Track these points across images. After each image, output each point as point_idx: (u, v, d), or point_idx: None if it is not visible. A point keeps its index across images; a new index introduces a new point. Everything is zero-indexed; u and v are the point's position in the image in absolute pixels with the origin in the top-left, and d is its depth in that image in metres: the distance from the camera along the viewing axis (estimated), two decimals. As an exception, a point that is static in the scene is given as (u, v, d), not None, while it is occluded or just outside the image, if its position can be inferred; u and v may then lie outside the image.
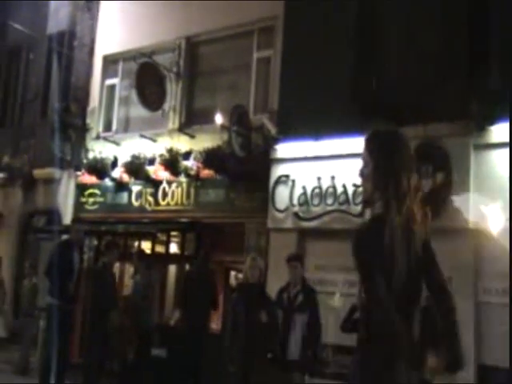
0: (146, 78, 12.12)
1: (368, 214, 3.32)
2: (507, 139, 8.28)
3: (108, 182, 12.77)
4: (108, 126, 13.51)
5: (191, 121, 12.08)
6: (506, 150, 8.26)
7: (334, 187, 9.66)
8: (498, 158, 8.40)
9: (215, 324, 10.53)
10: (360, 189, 9.14)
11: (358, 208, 9.26)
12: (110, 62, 13.64)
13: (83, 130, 13.54)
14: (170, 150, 11.58)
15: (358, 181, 8.36)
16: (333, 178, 9.67)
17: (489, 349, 8.16)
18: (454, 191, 8.53)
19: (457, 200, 8.48)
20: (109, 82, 13.66)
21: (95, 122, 13.53)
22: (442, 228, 7.42)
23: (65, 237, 10.63)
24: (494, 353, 8.13)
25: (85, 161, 13.13)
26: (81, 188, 13.24)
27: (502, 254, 8.19)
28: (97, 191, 12.95)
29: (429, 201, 8.48)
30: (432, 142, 8.70)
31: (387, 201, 2.98)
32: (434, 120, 8.59)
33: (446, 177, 8.63)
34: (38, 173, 14.24)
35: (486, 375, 8.19)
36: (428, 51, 8.70)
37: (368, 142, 3.12)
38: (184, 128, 11.87)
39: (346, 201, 9.50)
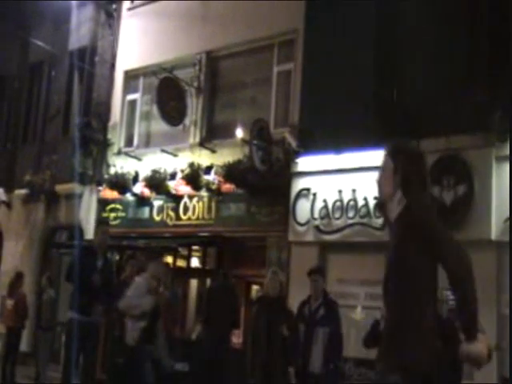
0: (167, 92, 12.23)
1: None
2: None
3: (129, 197, 12.86)
4: (129, 141, 13.64)
5: (212, 135, 12.16)
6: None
7: (355, 200, 9.65)
8: (521, 169, 8.35)
9: (236, 338, 10.51)
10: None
11: (380, 221, 9.24)
12: (131, 77, 13.80)
13: (104, 145, 13.69)
14: (191, 165, 11.65)
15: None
16: (354, 191, 9.66)
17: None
18: (476, 203, 8.49)
19: (479, 212, 8.44)
20: (130, 97, 13.81)
21: (116, 137, 13.66)
22: (464, 240, 7.37)
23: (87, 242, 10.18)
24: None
25: (106, 176, 13.26)
26: (102, 203, 13.34)
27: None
28: (118, 206, 13.04)
29: (451, 213, 8.53)
30: (453, 154, 8.67)
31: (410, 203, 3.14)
32: (456, 132, 8.56)
33: (467, 189, 8.58)
34: (60, 188, 14.40)
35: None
36: (450, 63, 8.70)
37: (390, 152, 3.31)
38: (205, 142, 11.94)
39: (368, 214, 9.47)
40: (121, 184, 12.87)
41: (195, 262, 12.21)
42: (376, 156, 9.08)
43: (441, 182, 8.75)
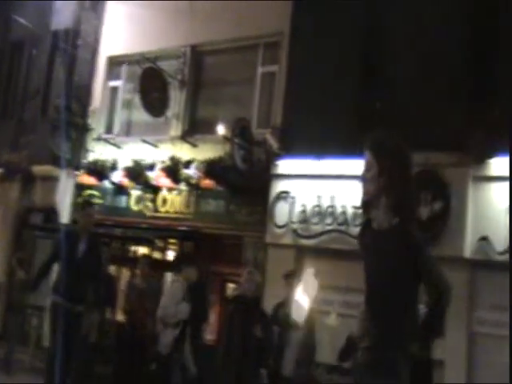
0: (150, 82, 12.18)
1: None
2: (505, 173, 8.46)
3: (107, 185, 12.85)
4: (109, 128, 13.58)
5: (194, 130, 12.17)
6: (504, 183, 8.45)
7: (334, 207, 9.81)
8: (496, 190, 8.58)
9: (210, 335, 10.67)
10: (359, 211, 9.35)
11: (357, 230, 9.40)
12: (114, 63, 13.69)
13: (84, 129, 13.59)
14: (172, 158, 11.68)
15: (358, 202, 8.43)
16: (333, 197, 9.81)
17: (480, 379, 8.37)
18: (452, 220, 8.71)
19: (454, 229, 8.67)
20: (112, 83, 13.73)
21: (96, 123, 13.58)
22: (438, 256, 7.60)
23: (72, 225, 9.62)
24: (485, 381, 8.35)
25: (85, 161, 13.21)
26: (79, 188, 13.30)
27: (497, 285, 8.42)
28: (95, 192, 13.02)
29: (426, 228, 8.73)
30: (432, 170, 8.85)
31: (395, 204, 3.16)
32: (435, 149, 8.73)
33: (443, 206, 8.79)
34: (37, 169, 14.29)
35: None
36: (432, 83, 8.84)
37: (374, 147, 3.27)
38: (186, 136, 11.96)
39: (345, 222, 9.65)
40: (99, 170, 12.84)
41: (171, 256, 12.30)
42: (356, 165, 9.26)
43: (418, 197, 8.94)
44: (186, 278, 7.82)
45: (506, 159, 8.36)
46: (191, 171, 11.47)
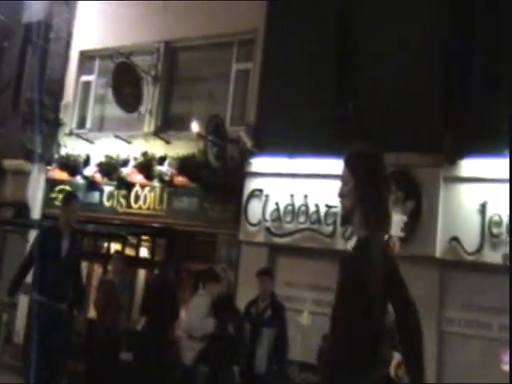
0: (123, 78, 12.07)
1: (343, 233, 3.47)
2: (476, 174, 8.59)
3: (79, 180, 12.73)
4: (82, 123, 13.44)
5: (167, 126, 12.11)
6: (475, 185, 8.58)
7: (307, 206, 9.84)
8: (467, 191, 8.69)
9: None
10: (332, 209, 9.42)
11: (330, 228, 9.49)
12: (87, 58, 13.55)
13: (56, 124, 13.42)
14: (145, 154, 11.63)
15: (331, 201, 8.56)
16: (306, 196, 9.85)
17: (450, 378, 8.50)
18: (423, 220, 8.80)
19: (425, 229, 8.76)
20: (84, 78, 13.58)
21: (69, 118, 13.44)
22: (409, 255, 7.71)
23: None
24: (454, 380, 8.48)
25: (56, 156, 13.07)
26: (51, 183, 13.17)
27: (465, 286, 8.56)
28: (67, 188, 12.89)
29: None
30: (404, 170, 8.93)
31: (369, 218, 3.12)
32: (407, 150, 8.82)
33: (415, 206, 8.88)
34: (8, 164, 14.11)
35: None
36: (405, 84, 8.90)
37: (349, 161, 3.25)
38: (159, 132, 11.89)
39: (318, 220, 9.69)
40: (71, 166, 12.72)
41: (144, 252, 12.26)
42: (329, 164, 9.36)
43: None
44: (211, 292, 7.70)
45: (477, 161, 8.49)
46: (164, 168, 11.43)
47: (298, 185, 9.94)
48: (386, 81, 9.15)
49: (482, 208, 8.45)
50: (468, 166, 8.65)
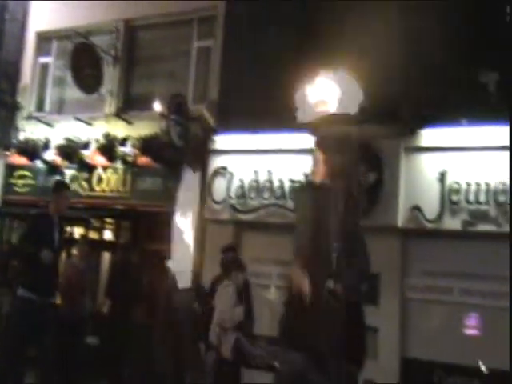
0: (82, 59, 11.90)
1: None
2: (435, 143, 8.76)
3: (39, 164, 12.53)
4: (40, 106, 13.24)
5: (128, 106, 12.00)
6: (434, 154, 8.75)
7: (271, 182, 9.89)
8: (427, 160, 8.86)
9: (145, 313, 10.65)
10: (296, 184, 9.48)
11: (294, 203, 9.56)
12: (44, 39, 13.31)
13: (14, 108, 13.19)
14: (107, 135, 11.51)
15: (295, 176, 8.61)
16: (270, 172, 9.90)
17: (413, 342, 8.69)
18: (385, 191, 8.94)
19: (387, 200, 8.90)
20: (42, 60, 13.35)
21: (27, 101, 13.21)
22: (371, 226, 7.83)
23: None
24: (417, 346, 8.68)
25: (15, 141, 12.83)
26: (10, 169, 12.93)
27: (427, 253, 8.74)
28: (27, 173, 12.70)
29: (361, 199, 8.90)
30: (365, 142, 9.03)
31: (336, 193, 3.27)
32: (368, 121, 8.89)
33: (377, 176, 9.01)
34: (-36, 149, 13.81)
35: (408, 367, 8.75)
36: (364, 55, 8.98)
37: (319, 141, 3.41)
38: (121, 113, 11.79)
39: (283, 195, 9.76)
40: (31, 150, 12.49)
41: (108, 235, 12.16)
42: (293, 139, 9.43)
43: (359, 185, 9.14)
44: (237, 283, 7.62)
45: (436, 130, 8.66)
46: (127, 149, 11.34)
47: (262, 161, 9.98)
48: (346, 52, 9.20)
49: (442, 176, 8.63)
50: (428, 135, 8.80)
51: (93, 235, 12.00)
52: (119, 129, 11.63)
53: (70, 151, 11.89)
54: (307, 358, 3.34)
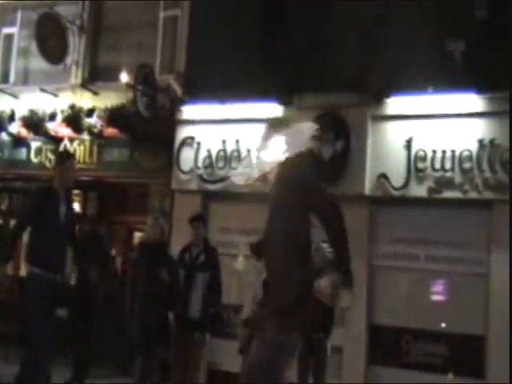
0: (47, 29, 11.72)
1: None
2: (401, 111, 8.80)
3: (4, 137, 12.32)
4: (5, 78, 12.94)
5: (95, 77, 11.84)
6: (401, 122, 8.79)
7: (239, 151, 9.86)
8: (393, 128, 8.90)
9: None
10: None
11: (262, 172, 9.53)
12: (8, 9, 12.96)
13: (-23, 80, 12.96)
14: (73, 107, 11.35)
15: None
16: (237, 141, 9.86)
17: (380, 309, 8.78)
18: (352, 159, 8.96)
19: (354, 168, 8.93)
20: (6, 30, 13.03)
21: (-10, 73, 12.98)
22: (339, 194, 7.83)
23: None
24: (385, 312, 8.78)
25: (-21, 113, 12.60)
26: (-25, 142, 12.72)
27: (394, 220, 8.81)
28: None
29: (328, 168, 8.99)
30: (333, 111, 9.05)
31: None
32: (335, 90, 8.92)
33: (344, 145, 9.03)
34: None
35: (376, 333, 8.85)
36: (332, 25, 8.97)
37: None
38: (87, 84, 11.63)
39: (250, 165, 9.71)
40: (-5, 122, 12.32)
41: (76, 207, 12.01)
42: (259, 108, 9.39)
43: (320, 138, 9.14)
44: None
45: (402, 98, 8.69)
46: (93, 120, 11.17)
47: (230, 130, 9.93)
48: (312, 23, 9.20)
49: (408, 144, 8.68)
50: (394, 103, 8.83)
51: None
52: (85, 100, 11.48)
53: (36, 123, 11.71)
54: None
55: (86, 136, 11.37)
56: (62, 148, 11.59)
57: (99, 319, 9.33)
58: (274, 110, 9.38)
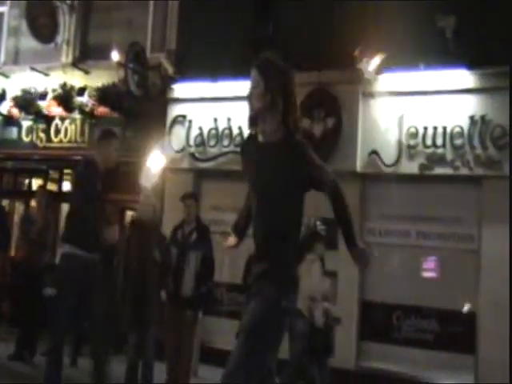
0: (37, 8, 11.70)
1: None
2: (393, 88, 8.76)
3: (-4, 117, 12.29)
4: (-5, 57, 12.91)
5: (86, 56, 11.77)
6: (392, 98, 8.76)
7: (230, 129, 9.83)
8: (384, 105, 8.87)
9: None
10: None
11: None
12: (-2, -12, 12.91)
13: (-32, 59, 12.86)
14: (64, 85, 11.29)
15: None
16: (229, 119, 9.82)
17: (371, 285, 8.81)
18: (343, 136, 8.95)
19: (345, 145, 8.92)
20: (-4, 9, 12.98)
21: (-19, 52, 12.87)
22: (331, 171, 7.84)
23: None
24: (376, 289, 8.81)
25: (-30, 93, 12.51)
26: (-34, 121, 12.64)
27: (385, 197, 8.80)
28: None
29: (320, 144, 8.97)
30: (324, 88, 9.02)
31: (281, 119, 3.29)
32: (326, 67, 8.88)
33: (335, 122, 9.01)
34: None
35: (368, 310, 8.89)
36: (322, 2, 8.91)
37: (261, 65, 3.41)
38: (78, 63, 11.58)
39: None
40: (-14, 102, 12.24)
41: (67, 186, 12.00)
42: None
43: (311, 115, 9.12)
44: (320, 255, 7.46)
45: (394, 75, 8.66)
46: (84, 99, 11.13)
47: (221, 108, 9.89)
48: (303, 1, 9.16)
49: (399, 121, 8.67)
50: (385, 80, 8.80)
51: (51, 187, 11.83)
52: (76, 79, 11.41)
53: (27, 102, 11.66)
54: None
55: (77, 115, 11.33)
56: (51, 127, 11.52)
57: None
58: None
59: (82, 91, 11.17)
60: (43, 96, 11.56)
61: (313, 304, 7.27)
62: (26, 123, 11.91)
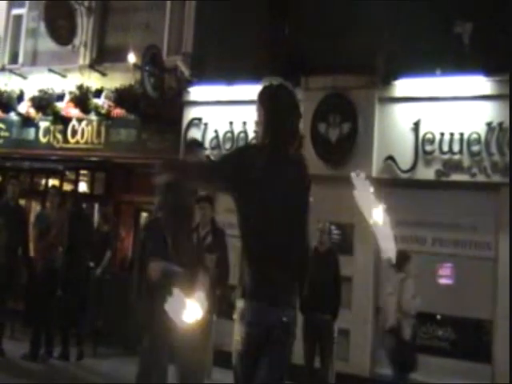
0: (56, 10, 11.78)
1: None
2: (409, 93, 8.70)
3: (13, 117, 12.39)
4: (14, 58, 13.04)
5: (103, 58, 11.85)
6: (408, 104, 8.70)
7: (246, 132, 9.82)
8: (401, 111, 8.81)
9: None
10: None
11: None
12: (17, -10, 13.02)
13: (-13, 60, 12.98)
14: (81, 87, 11.37)
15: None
16: (244, 123, 9.81)
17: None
18: (359, 141, 8.90)
19: (361, 150, 8.87)
20: (16, 11, 13.10)
21: (0, 53, 12.97)
22: (346, 176, 7.79)
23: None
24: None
25: (-12, 93, 12.63)
26: (-16, 121, 12.77)
27: (401, 202, 8.72)
28: (1, 125, 12.56)
29: (335, 150, 8.93)
30: (340, 93, 8.98)
31: (274, 143, 3.26)
32: (342, 72, 8.84)
33: (351, 127, 8.96)
34: None
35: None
36: (339, 6, 8.86)
37: (259, 94, 3.43)
38: (95, 65, 11.66)
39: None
40: (4, 102, 12.36)
41: (83, 187, 12.08)
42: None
43: (327, 120, 9.09)
44: (410, 272, 7.41)
45: (410, 80, 8.61)
46: (101, 100, 11.21)
47: (237, 112, 9.87)
48: (319, 6, 9.11)
49: (416, 126, 8.60)
50: (402, 85, 8.74)
51: (67, 187, 11.91)
52: (93, 80, 11.49)
53: (44, 103, 11.76)
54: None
55: (93, 116, 11.41)
56: (68, 128, 11.57)
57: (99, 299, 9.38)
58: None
59: (98, 93, 11.24)
60: (60, 97, 11.64)
61: (403, 319, 7.30)
62: (44, 124, 12.02)
